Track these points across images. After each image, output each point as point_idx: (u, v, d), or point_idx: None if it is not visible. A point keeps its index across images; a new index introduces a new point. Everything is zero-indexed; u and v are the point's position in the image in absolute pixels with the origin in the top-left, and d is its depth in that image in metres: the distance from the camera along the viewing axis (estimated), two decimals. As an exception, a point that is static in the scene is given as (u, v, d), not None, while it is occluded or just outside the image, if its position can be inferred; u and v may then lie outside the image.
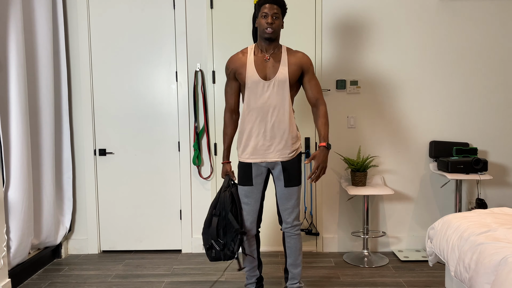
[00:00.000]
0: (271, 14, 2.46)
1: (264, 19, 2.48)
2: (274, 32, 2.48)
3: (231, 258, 2.59)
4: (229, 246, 2.56)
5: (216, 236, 2.56)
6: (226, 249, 2.57)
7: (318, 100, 2.59)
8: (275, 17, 2.48)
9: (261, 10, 2.48)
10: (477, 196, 3.70)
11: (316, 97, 2.58)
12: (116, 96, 3.72)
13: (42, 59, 3.33)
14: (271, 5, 2.47)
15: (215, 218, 2.56)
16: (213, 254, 2.58)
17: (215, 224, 2.55)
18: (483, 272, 1.89)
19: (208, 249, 2.60)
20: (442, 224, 2.47)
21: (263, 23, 2.48)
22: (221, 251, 2.57)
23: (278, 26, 2.50)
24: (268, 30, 2.47)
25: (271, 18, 2.46)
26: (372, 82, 3.66)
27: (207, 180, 3.75)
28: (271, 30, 2.47)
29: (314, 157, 2.49)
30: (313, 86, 2.59)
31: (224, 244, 2.57)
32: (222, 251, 2.57)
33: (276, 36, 2.52)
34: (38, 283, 3.18)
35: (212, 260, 2.60)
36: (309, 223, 3.75)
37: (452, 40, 3.62)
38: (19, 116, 3.02)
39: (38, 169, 3.38)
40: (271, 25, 2.46)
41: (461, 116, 3.67)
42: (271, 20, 2.45)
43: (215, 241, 2.56)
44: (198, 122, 3.70)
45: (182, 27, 3.64)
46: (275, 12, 2.47)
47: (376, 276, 3.22)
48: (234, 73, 2.58)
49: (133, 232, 3.81)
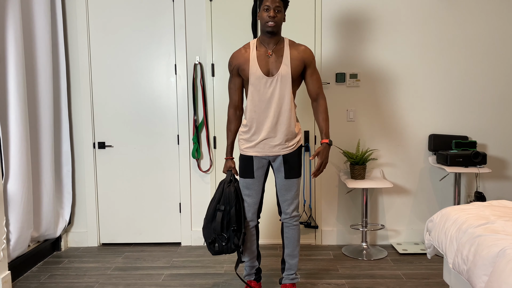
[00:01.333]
0: (273, 7, 2.44)
1: (266, 12, 2.46)
2: (276, 25, 2.47)
3: (235, 251, 2.62)
4: (233, 239, 2.57)
5: (220, 230, 2.56)
6: (230, 243, 2.58)
7: (319, 94, 2.61)
8: (277, 10, 2.46)
9: (263, 3, 2.47)
10: (476, 189, 3.71)
11: (317, 91, 2.60)
12: (115, 89, 3.71)
13: (41, 51, 3.32)
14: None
15: (220, 213, 2.57)
16: (217, 248, 2.59)
17: (219, 218, 2.56)
18: (481, 263, 1.89)
19: (210, 243, 2.60)
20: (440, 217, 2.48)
21: (265, 16, 2.46)
22: (225, 245, 2.58)
23: (280, 19, 2.49)
24: (270, 24, 2.45)
25: (273, 12, 2.44)
26: (372, 76, 3.65)
27: (206, 173, 3.76)
28: (273, 23, 2.45)
29: (318, 153, 2.53)
30: (314, 80, 2.59)
31: (228, 238, 2.57)
32: (226, 244, 2.58)
33: (278, 30, 2.51)
34: (37, 276, 3.19)
35: (215, 254, 2.61)
36: (308, 216, 3.76)
37: (451, 34, 3.61)
38: (18, 109, 3.01)
39: (38, 162, 3.38)
40: (273, 18, 2.44)
41: (460, 110, 3.67)
42: (273, 14, 2.44)
43: (219, 235, 2.57)
44: (197, 115, 3.70)
45: (181, 19, 3.63)
46: (277, 5, 2.45)
47: (374, 269, 3.23)
48: (238, 69, 2.57)
49: (132, 225, 3.82)
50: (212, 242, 2.59)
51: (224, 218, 2.57)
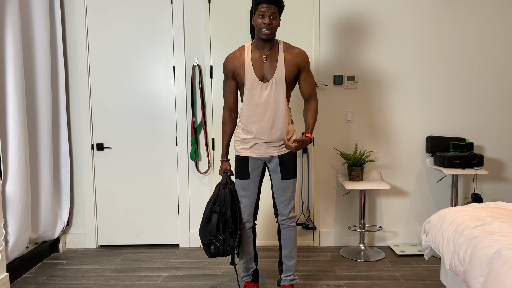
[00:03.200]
0: (269, 14, 2.43)
1: (261, 18, 2.45)
2: (271, 33, 2.47)
3: (231, 253, 2.61)
4: (228, 241, 2.58)
5: (216, 232, 2.57)
6: (226, 245, 2.58)
7: (311, 96, 2.64)
8: (273, 17, 2.45)
9: (258, 9, 2.45)
10: (473, 191, 3.72)
11: (309, 93, 2.63)
12: (113, 90, 3.72)
13: (39, 53, 3.33)
14: (269, 5, 2.43)
15: (215, 215, 2.58)
16: (213, 250, 2.59)
17: (215, 220, 2.56)
18: (477, 264, 1.91)
19: (206, 245, 2.61)
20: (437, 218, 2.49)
21: (260, 22, 2.45)
22: (221, 247, 2.58)
23: (276, 26, 2.48)
24: (265, 32, 2.45)
25: (268, 19, 2.43)
26: (370, 78, 3.67)
27: (204, 175, 3.76)
28: (268, 32, 2.45)
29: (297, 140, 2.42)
30: (308, 83, 2.61)
31: (223, 240, 2.58)
32: (222, 246, 2.58)
33: (273, 36, 2.52)
34: (36, 277, 3.19)
35: (211, 256, 2.62)
36: (306, 218, 3.76)
37: (449, 36, 3.63)
38: (17, 110, 3.02)
39: (36, 163, 3.38)
40: (268, 25, 2.43)
41: (457, 111, 3.69)
42: (268, 21, 2.43)
43: (215, 237, 2.57)
44: (196, 117, 3.71)
45: (179, 21, 3.64)
46: (272, 12, 2.44)
47: (372, 270, 3.24)
48: (233, 73, 2.57)
49: (131, 227, 3.82)
50: (207, 244, 2.60)
51: (219, 220, 2.58)
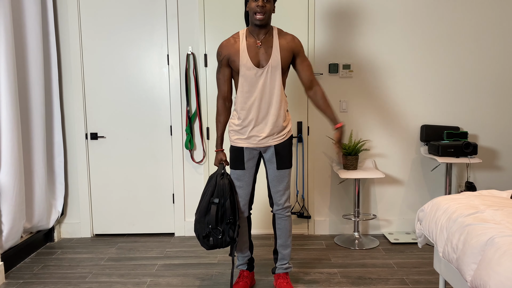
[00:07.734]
0: None
1: (254, 2, 2.42)
2: (264, 18, 2.44)
3: (230, 244, 2.58)
4: (227, 233, 2.54)
5: (215, 223, 2.52)
6: (225, 236, 2.54)
7: (312, 81, 2.59)
8: (266, 0, 2.43)
9: None
10: (466, 179, 3.75)
11: (309, 78, 2.58)
12: (107, 79, 3.68)
13: (32, 42, 3.28)
14: None
15: (214, 206, 2.52)
16: (212, 242, 2.53)
17: (214, 211, 2.51)
18: (470, 252, 1.92)
19: (204, 237, 2.54)
20: (431, 206, 2.50)
21: (253, 6, 2.43)
22: (220, 238, 2.53)
23: (269, 10, 2.46)
24: (259, 17, 2.42)
25: (262, 1, 2.41)
26: (365, 66, 3.66)
27: (199, 164, 3.76)
28: (262, 16, 2.42)
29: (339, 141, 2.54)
30: (305, 67, 2.58)
31: (222, 231, 2.54)
32: (221, 238, 2.53)
33: (267, 22, 2.49)
34: (31, 267, 3.19)
35: (210, 248, 2.55)
36: (301, 206, 3.78)
37: (444, 25, 3.62)
38: (9, 100, 2.98)
39: (29, 153, 3.36)
40: (262, 8, 2.40)
41: (452, 100, 3.69)
42: (261, 3, 2.40)
43: (214, 229, 2.52)
44: (190, 106, 3.69)
45: (173, 9, 3.60)
46: None
47: (366, 258, 3.27)
48: (228, 59, 2.53)
49: (125, 216, 3.82)
50: (206, 236, 2.54)
51: (218, 211, 2.53)
